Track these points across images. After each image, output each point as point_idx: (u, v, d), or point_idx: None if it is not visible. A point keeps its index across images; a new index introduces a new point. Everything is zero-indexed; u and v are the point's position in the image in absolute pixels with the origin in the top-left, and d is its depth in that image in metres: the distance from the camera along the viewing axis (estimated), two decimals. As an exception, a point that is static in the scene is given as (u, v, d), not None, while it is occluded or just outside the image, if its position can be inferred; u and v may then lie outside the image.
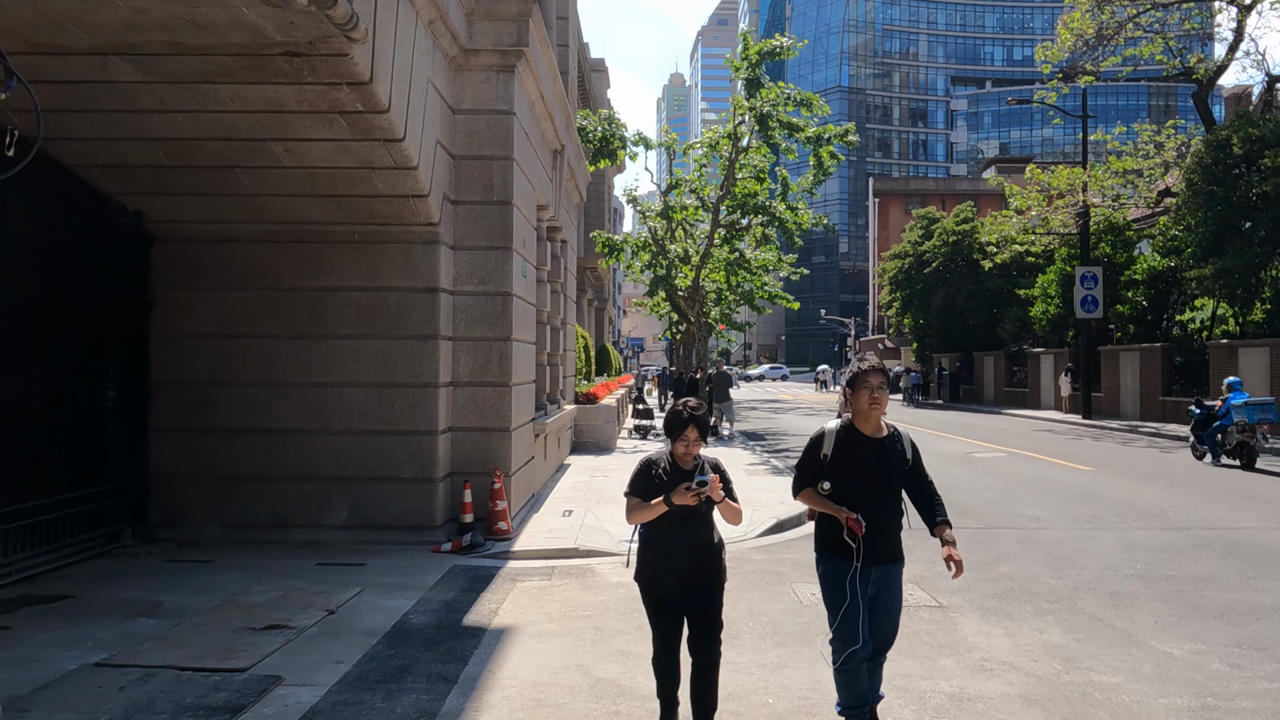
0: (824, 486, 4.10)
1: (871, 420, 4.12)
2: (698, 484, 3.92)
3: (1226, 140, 21.42)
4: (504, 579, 7.61)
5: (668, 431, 4.14)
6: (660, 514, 4.02)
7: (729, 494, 4.13)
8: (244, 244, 8.97)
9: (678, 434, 4.10)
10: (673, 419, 4.14)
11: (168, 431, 8.90)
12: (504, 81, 9.46)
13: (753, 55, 22.83)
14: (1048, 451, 18.21)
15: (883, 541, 4.09)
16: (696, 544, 4.16)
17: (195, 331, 8.96)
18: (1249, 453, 14.92)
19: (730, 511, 4.12)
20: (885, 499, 4.10)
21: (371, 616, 6.40)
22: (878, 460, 4.09)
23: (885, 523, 4.09)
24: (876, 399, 4.06)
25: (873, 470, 4.07)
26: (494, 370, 9.42)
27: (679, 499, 3.93)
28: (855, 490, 4.05)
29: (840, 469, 4.08)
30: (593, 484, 12.98)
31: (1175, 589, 7.24)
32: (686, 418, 4.10)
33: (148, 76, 6.53)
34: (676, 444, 4.12)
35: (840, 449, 4.11)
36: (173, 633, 5.91)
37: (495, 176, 9.41)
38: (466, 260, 9.40)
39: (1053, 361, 32.29)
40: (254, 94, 6.80)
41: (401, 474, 8.92)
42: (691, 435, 4.09)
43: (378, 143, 7.54)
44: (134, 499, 8.65)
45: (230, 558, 8.16)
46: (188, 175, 8.15)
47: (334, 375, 8.96)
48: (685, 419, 4.10)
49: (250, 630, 5.98)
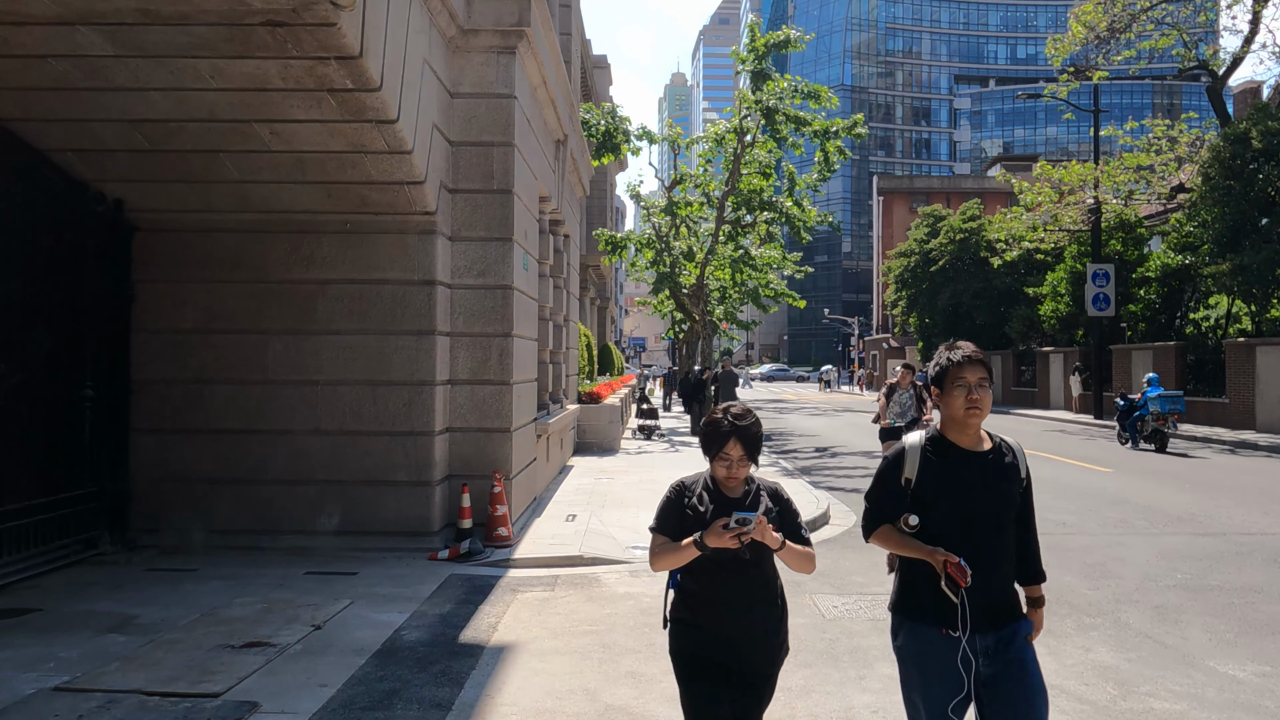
0: (909, 522, 2.96)
1: (970, 430, 3.00)
2: (737, 522, 2.81)
3: (1245, 134, 20.93)
4: (504, 589, 7.13)
5: (705, 447, 3.10)
6: (694, 558, 2.98)
7: (793, 533, 3.03)
8: (230, 234, 8.50)
9: (716, 451, 3.03)
10: (710, 431, 3.07)
11: (150, 432, 8.43)
12: (504, 63, 8.99)
13: (760, 47, 22.38)
14: (1062, 452, 17.73)
15: (996, 594, 2.91)
16: (748, 602, 3.02)
17: (179, 326, 8.49)
18: (1161, 438, 17.71)
19: (797, 558, 3.02)
20: (995, 535, 2.94)
21: (361, 632, 5.93)
22: (983, 482, 2.95)
23: (997, 568, 2.93)
24: (976, 401, 2.92)
25: (977, 496, 2.93)
26: (494, 368, 8.94)
27: (714, 541, 2.86)
28: (954, 525, 2.91)
29: (931, 497, 2.95)
30: (597, 486, 12.51)
31: (1224, 601, 6.75)
32: (727, 429, 3.01)
33: (120, 50, 6.06)
34: (716, 464, 3.06)
35: (930, 470, 2.97)
36: (144, 651, 5.44)
37: (495, 164, 8.94)
38: (465, 252, 8.93)
39: (1062, 360, 31.80)
40: (235, 70, 6.32)
41: (396, 477, 8.44)
42: (734, 453, 3.00)
43: (369, 124, 7.07)
44: (113, 503, 8.17)
45: (214, 566, 7.69)
46: (169, 160, 7.68)
47: (325, 373, 8.48)
48: (725, 430, 3.01)
49: (228, 648, 5.50)
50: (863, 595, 6.96)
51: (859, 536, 3.59)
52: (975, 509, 2.94)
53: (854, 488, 13.10)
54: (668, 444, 19.30)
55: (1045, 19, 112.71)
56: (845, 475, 14.62)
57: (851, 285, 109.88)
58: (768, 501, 3.07)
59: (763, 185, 24.93)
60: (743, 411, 3.08)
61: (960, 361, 2.94)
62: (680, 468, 14.73)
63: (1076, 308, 29.54)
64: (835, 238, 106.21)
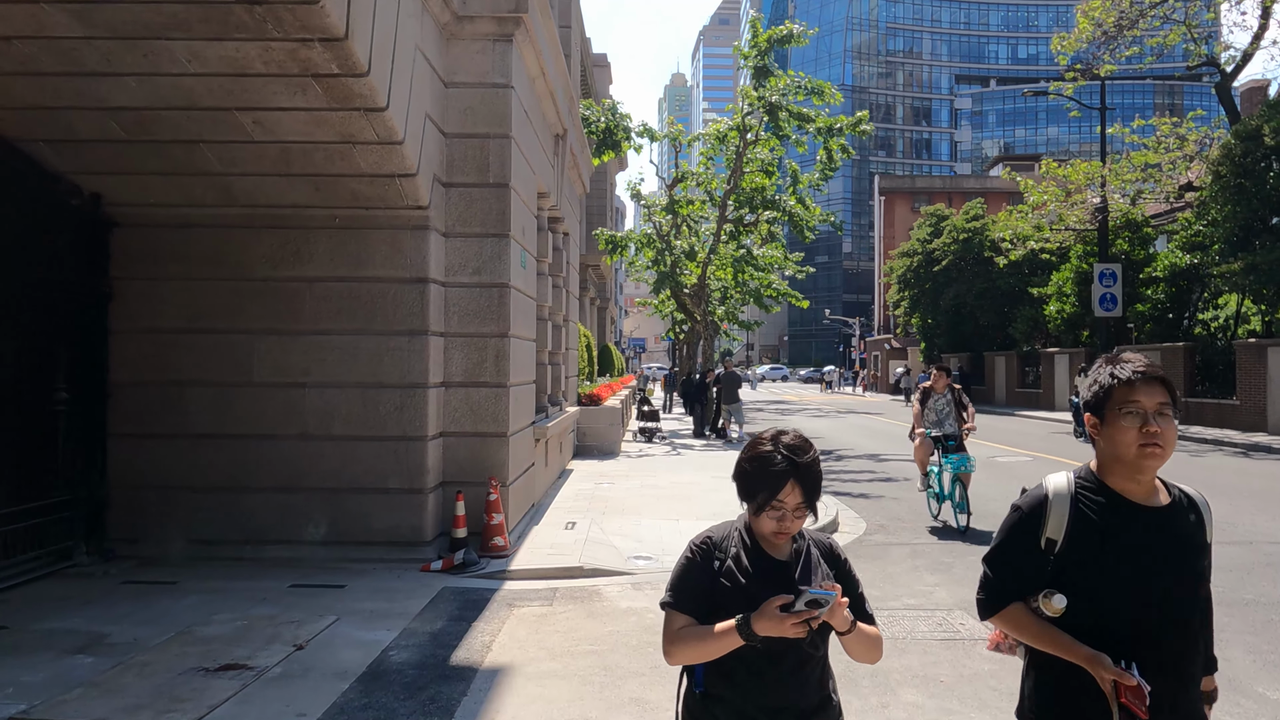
0: (1053, 605, 2.10)
1: (1146, 475, 2.13)
2: (808, 604, 2.04)
3: (1257, 130, 20.55)
4: (500, 604, 6.74)
5: (746, 490, 2.24)
6: (733, 648, 2.14)
7: (858, 608, 2.26)
8: (213, 230, 8.11)
9: (765, 497, 2.17)
10: (755, 469, 2.21)
11: (128, 437, 8.04)
12: (501, 52, 8.60)
13: (762, 43, 22.00)
14: (1074, 455, 17.34)
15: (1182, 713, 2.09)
16: (801, 709, 2.23)
17: (159, 326, 8.10)
18: None
19: (865, 644, 2.25)
20: (1182, 632, 2.11)
21: (346, 653, 5.54)
22: (1165, 552, 2.10)
23: (1185, 685, 2.11)
24: (1155, 436, 2.08)
25: (1158, 573, 2.08)
26: (490, 369, 8.56)
27: (768, 627, 2.06)
28: (1122, 615, 2.07)
29: (1087, 571, 2.10)
30: (597, 492, 12.13)
31: (1262, 618, 6.38)
32: (782, 466, 2.16)
33: (89, 30, 5.68)
34: (764, 516, 2.19)
35: (1085, 531, 2.12)
36: (110, 675, 5.05)
37: (491, 156, 8.55)
38: (460, 248, 8.54)
39: (1067, 361, 31.42)
40: (213, 53, 5.94)
41: (387, 484, 8.05)
42: (791, 500, 2.16)
43: (357, 112, 6.68)
44: (88, 512, 7.78)
45: (194, 578, 7.30)
46: (148, 152, 7.29)
47: (312, 375, 8.10)
48: (779, 469, 2.16)
49: (202, 672, 5.11)
50: (879, 610, 6.57)
51: (871, 545, 3.13)
52: (1154, 592, 2.06)
53: (861, 493, 12.74)
54: (669, 447, 18.91)
55: (1046, 19, 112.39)
56: (852, 479, 14.23)
57: (852, 286, 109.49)
58: (825, 566, 2.27)
59: (765, 183, 24.55)
60: (799, 442, 2.22)
61: (1131, 380, 2.11)
62: (683, 471, 14.34)
63: (1082, 308, 29.17)
64: (835, 238, 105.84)
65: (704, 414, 22.38)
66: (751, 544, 2.26)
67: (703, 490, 12.24)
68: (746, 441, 3.51)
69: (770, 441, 2.24)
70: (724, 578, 2.22)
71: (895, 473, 14.93)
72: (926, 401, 10.24)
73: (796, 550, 2.28)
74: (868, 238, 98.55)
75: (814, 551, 2.31)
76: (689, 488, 12.52)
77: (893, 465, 16.28)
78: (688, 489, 12.39)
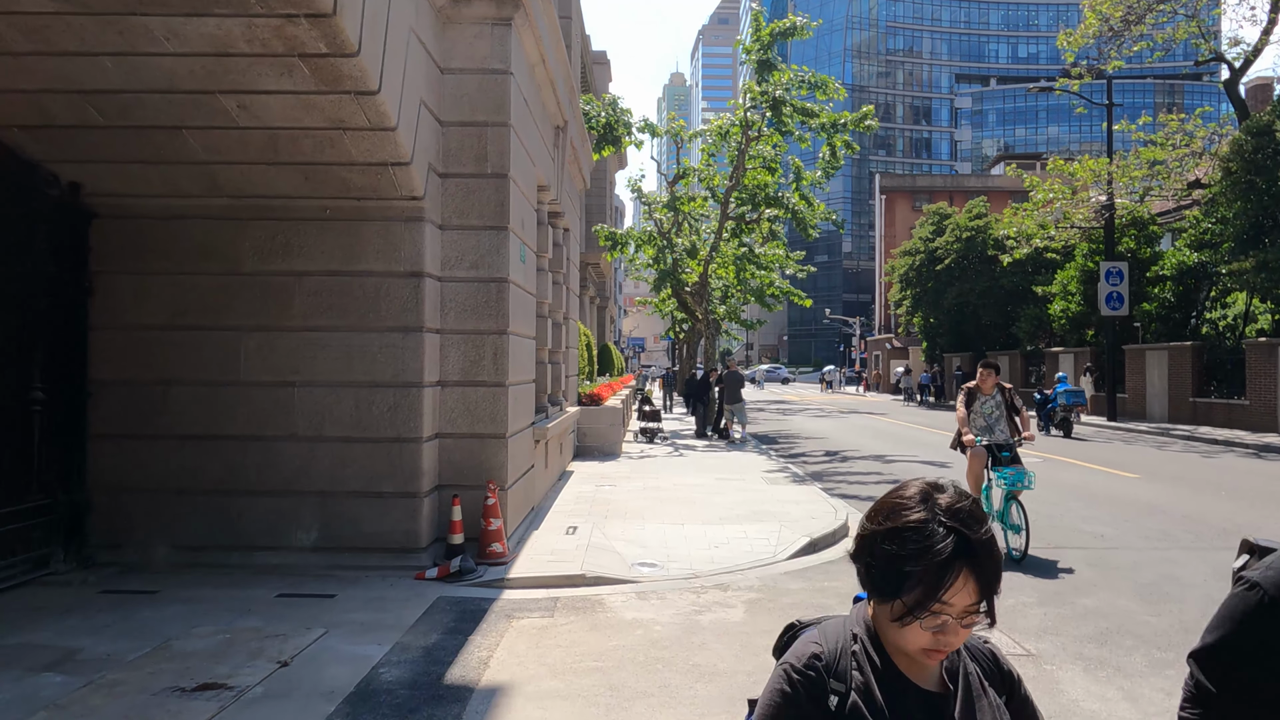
0: None
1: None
2: None
3: (1268, 126, 20.23)
4: (498, 615, 6.39)
5: (885, 582, 1.44)
6: None
7: None
8: (198, 221, 7.75)
9: (923, 594, 1.39)
10: (907, 546, 1.40)
11: (109, 438, 7.68)
12: (499, 36, 8.25)
13: (765, 37, 21.65)
14: (1082, 456, 17.01)
15: None
16: None
17: (142, 322, 7.74)
18: (1067, 425, 21.74)
19: None
20: None
21: (333, 669, 5.18)
22: None
23: None
24: None
25: None
26: (488, 368, 8.21)
27: None
28: None
29: None
30: (599, 494, 11.77)
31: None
32: (949, 548, 1.38)
33: (59, 5, 5.32)
34: (913, 626, 1.41)
35: None
36: (79, 696, 4.70)
37: (489, 145, 8.20)
38: (456, 241, 8.19)
39: (1072, 361, 31.08)
40: (193, 30, 5.58)
41: (381, 487, 7.70)
42: (960, 601, 1.38)
43: (348, 96, 6.33)
44: (68, 517, 7.42)
45: (177, 587, 6.94)
46: (128, 138, 6.93)
47: (302, 373, 7.74)
48: (947, 553, 1.38)
49: (178, 692, 4.76)
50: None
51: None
52: None
53: (869, 495, 12.38)
54: (671, 448, 18.55)
55: (1046, 18, 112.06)
56: (859, 482, 13.89)
57: (852, 285, 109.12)
58: (992, 693, 1.54)
59: (768, 180, 24.20)
60: (968, 506, 1.44)
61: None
62: (686, 473, 13.98)
63: (1088, 307, 28.85)
64: (836, 237, 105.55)
65: (706, 414, 22.03)
66: (884, 665, 1.48)
67: (707, 493, 11.89)
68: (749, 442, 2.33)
69: (920, 504, 1.42)
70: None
71: (902, 474, 14.58)
72: (972, 404, 8.70)
73: (950, 671, 1.52)
74: (868, 237, 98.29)
75: (973, 671, 1.54)
76: (693, 490, 12.17)
77: (899, 466, 15.95)
78: (691, 492, 12.04)
